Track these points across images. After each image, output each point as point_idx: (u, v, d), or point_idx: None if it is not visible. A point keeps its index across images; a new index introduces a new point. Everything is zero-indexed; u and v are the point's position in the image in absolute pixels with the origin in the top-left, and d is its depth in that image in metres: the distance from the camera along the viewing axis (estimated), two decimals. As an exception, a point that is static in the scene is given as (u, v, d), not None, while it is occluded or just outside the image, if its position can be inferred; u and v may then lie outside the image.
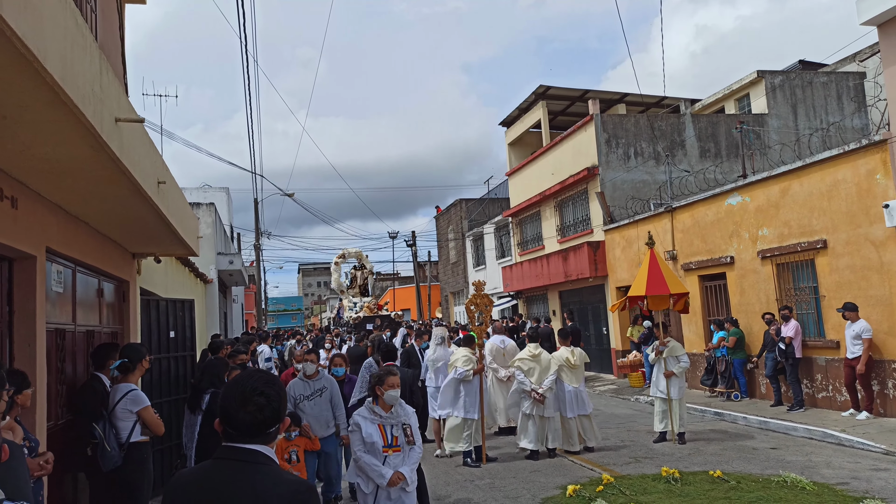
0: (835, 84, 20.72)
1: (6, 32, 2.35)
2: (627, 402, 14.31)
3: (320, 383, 6.79)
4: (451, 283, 35.45)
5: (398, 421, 4.65)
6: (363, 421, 4.61)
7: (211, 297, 17.48)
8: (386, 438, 4.56)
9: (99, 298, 6.84)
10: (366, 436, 4.53)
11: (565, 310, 20.49)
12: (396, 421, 4.65)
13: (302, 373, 6.95)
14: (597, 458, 8.84)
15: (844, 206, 10.65)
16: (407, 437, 4.63)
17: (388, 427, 4.61)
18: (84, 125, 3.30)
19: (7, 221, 4.15)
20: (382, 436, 4.56)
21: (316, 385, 6.76)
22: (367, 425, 4.59)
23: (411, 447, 4.65)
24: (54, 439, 5.15)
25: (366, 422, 4.61)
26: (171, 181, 5.96)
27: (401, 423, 4.65)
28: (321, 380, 6.83)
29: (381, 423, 4.61)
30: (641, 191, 18.54)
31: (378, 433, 4.55)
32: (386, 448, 4.54)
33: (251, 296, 37.47)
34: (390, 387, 4.64)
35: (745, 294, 13.11)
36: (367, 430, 4.55)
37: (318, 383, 6.78)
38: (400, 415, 4.68)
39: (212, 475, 2.01)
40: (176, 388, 8.17)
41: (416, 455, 4.69)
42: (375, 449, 4.51)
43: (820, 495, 6.54)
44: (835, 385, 11.03)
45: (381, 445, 4.52)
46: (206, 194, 22.73)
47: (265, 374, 2.18)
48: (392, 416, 4.64)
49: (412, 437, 4.66)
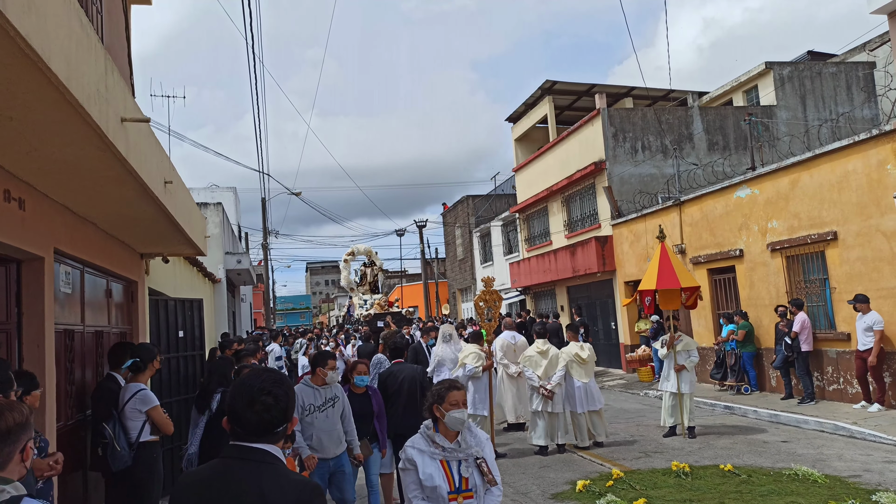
0: (844, 74, 20.55)
1: (10, 32, 2.35)
2: (636, 396, 14.27)
3: (332, 391, 5.76)
4: (459, 279, 35.44)
5: (468, 454, 3.36)
6: (419, 456, 3.34)
7: (219, 296, 17.53)
8: (452, 480, 3.30)
9: (107, 299, 6.87)
10: (424, 477, 3.27)
11: (573, 305, 20.44)
12: (466, 454, 3.35)
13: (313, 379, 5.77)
14: (606, 453, 8.82)
15: (855, 197, 10.56)
16: (483, 474, 3.34)
17: (454, 464, 3.34)
18: (90, 125, 3.30)
19: (15, 223, 4.16)
20: (447, 477, 3.30)
21: (328, 393, 5.70)
22: (425, 462, 3.32)
23: (488, 490, 3.38)
24: (64, 439, 5.18)
25: (423, 457, 3.33)
26: (178, 181, 5.97)
27: (472, 458, 3.36)
28: (333, 387, 5.82)
29: (444, 458, 3.35)
30: (649, 185, 18.46)
31: (441, 473, 3.30)
32: (454, 495, 3.29)
33: (259, 295, 37.61)
34: (454, 405, 3.36)
35: (754, 287, 13.03)
36: (426, 470, 3.29)
37: (329, 391, 5.73)
38: (471, 445, 3.39)
39: (219, 473, 2.02)
40: (185, 388, 8.20)
41: (496, 501, 3.43)
42: (438, 496, 3.26)
43: (832, 488, 6.49)
44: (846, 377, 10.96)
45: (447, 491, 3.27)
46: (213, 194, 22.79)
47: (274, 373, 2.19)
48: (460, 448, 3.36)
49: (490, 474, 3.36)
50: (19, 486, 2.23)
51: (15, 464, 2.29)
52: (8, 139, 3.48)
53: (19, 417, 2.32)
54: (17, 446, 2.29)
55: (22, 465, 2.32)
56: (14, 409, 2.33)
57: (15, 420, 2.29)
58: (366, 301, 29.84)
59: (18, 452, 2.30)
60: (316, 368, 5.68)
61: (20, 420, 2.31)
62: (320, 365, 5.68)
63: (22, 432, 2.31)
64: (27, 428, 2.34)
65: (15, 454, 2.28)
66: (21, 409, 2.36)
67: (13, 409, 2.33)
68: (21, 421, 2.31)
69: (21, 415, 2.33)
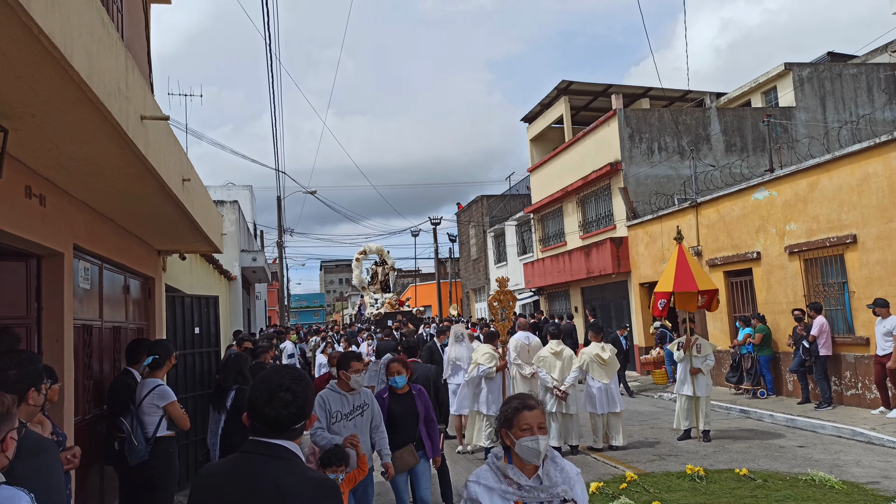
0: (865, 76, 20.30)
1: (33, 31, 2.38)
2: (651, 399, 14.19)
3: (361, 398, 5.01)
4: (473, 279, 35.41)
5: (553, 494, 2.51)
6: (487, 495, 2.52)
7: (235, 293, 17.65)
8: None
9: (125, 295, 6.93)
10: None
11: (587, 306, 20.35)
12: (550, 495, 2.50)
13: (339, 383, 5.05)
14: (620, 455, 8.77)
15: (875, 199, 10.43)
16: None
17: None
18: (110, 123, 3.33)
19: (35, 219, 4.21)
20: None
21: (356, 400, 4.98)
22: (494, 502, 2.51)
23: None
24: (81, 434, 5.23)
25: (492, 496, 2.51)
26: (196, 178, 6.01)
27: (558, 499, 2.51)
28: (362, 393, 5.05)
29: (520, 498, 2.52)
30: (665, 186, 18.35)
31: None
32: None
33: (274, 293, 37.81)
34: (526, 429, 2.53)
35: (771, 290, 12.91)
36: None
37: (358, 398, 4.99)
38: (556, 482, 2.53)
39: (237, 468, 2.05)
40: (201, 384, 8.25)
41: None
42: None
43: (849, 494, 6.41)
44: (864, 382, 10.82)
45: None
46: (229, 192, 22.94)
47: (293, 370, 2.22)
48: (541, 487, 2.51)
49: None
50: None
51: None
52: (30, 136, 3.52)
53: None
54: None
55: (2, 456, 2.26)
56: None
57: None
58: (376, 300, 29.89)
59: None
60: (339, 372, 4.97)
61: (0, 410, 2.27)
62: (343, 368, 4.94)
63: (2, 422, 2.26)
64: (7, 419, 2.29)
65: None
66: (2, 400, 2.30)
67: None
68: (1, 411, 2.26)
69: (2, 405, 2.28)
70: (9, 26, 2.34)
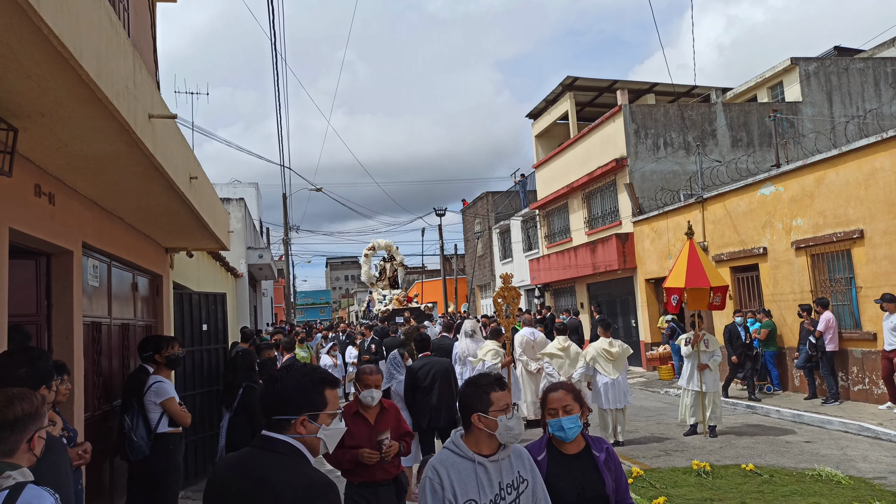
0: (872, 70, 20.18)
1: (43, 31, 2.40)
2: (657, 394, 14.18)
3: (512, 467, 3.45)
4: (478, 276, 35.41)
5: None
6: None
7: (241, 290, 17.72)
8: None
9: (133, 292, 6.98)
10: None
11: (593, 302, 20.34)
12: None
13: None
14: (626, 450, 8.78)
15: (882, 194, 10.38)
16: None
17: None
18: (118, 121, 3.36)
19: (45, 217, 4.25)
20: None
21: (506, 473, 3.39)
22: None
23: None
24: (91, 430, 5.28)
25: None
26: (203, 177, 6.04)
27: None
28: (513, 459, 3.44)
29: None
30: (671, 181, 18.30)
31: None
32: None
33: (280, 289, 37.90)
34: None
35: (778, 285, 12.87)
36: None
37: (509, 468, 3.41)
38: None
39: (240, 462, 2.10)
40: (209, 381, 8.29)
41: None
42: None
43: (856, 490, 6.41)
44: (871, 378, 10.79)
45: None
46: (235, 190, 23.00)
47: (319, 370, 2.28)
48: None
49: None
50: (27, 473, 2.25)
51: (22, 452, 2.30)
52: (39, 135, 3.55)
53: (28, 408, 2.33)
54: (25, 435, 2.30)
55: (31, 454, 2.33)
56: (25, 399, 2.34)
57: (24, 410, 2.31)
58: (385, 296, 29.91)
59: (26, 442, 2.31)
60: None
61: (29, 410, 2.32)
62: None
63: (31, 422, 2.32)
64: (36, 418, 2.35)
65: (22, 443, 2.29)
66: (31, 400, 2.36)
67: (24, 398, 2.34)
68: (30, 411, 2.33)
69: (31, 405, 2.34)
70: (19, 27, 2.36)
